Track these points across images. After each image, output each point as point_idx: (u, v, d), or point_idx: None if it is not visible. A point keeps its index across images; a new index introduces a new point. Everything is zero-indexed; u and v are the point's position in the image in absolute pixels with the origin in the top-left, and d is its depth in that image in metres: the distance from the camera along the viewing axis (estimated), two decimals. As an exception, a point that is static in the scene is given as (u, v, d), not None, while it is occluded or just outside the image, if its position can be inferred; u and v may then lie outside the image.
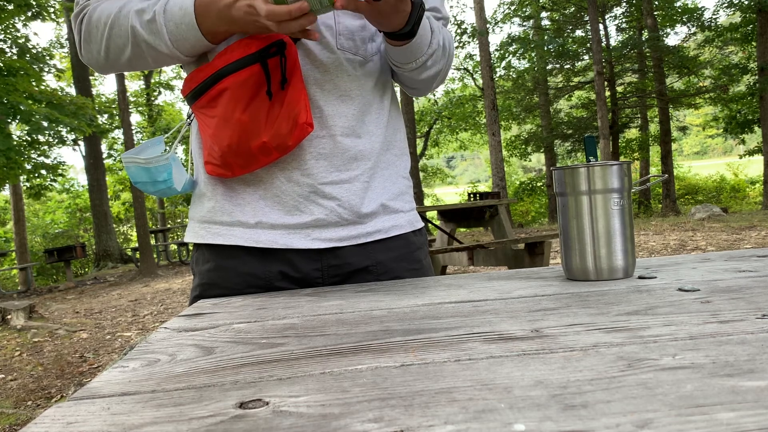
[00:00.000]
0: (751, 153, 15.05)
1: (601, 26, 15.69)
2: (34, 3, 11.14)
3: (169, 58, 0.93)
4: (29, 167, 10.83)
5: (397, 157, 1.06)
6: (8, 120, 9.36)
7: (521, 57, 17.52)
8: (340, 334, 0.62)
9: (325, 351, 0.56)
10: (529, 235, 6.29)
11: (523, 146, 18.60)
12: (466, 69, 20.69)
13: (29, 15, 11.66)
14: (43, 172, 11.38)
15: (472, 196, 7.17)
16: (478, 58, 15.69)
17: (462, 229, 9.19)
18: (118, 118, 15.53)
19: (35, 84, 9.96)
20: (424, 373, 0.47)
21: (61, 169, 11.66)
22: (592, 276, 0.83)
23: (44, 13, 12.11)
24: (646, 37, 15.20)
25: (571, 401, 0.38)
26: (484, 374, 0.45)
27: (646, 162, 17.53)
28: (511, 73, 18.11)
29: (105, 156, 17.49)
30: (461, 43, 18.60)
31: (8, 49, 11.21)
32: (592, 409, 0.37)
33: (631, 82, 17.35)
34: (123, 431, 0.40)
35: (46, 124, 9.67)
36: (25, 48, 11.31)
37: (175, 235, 16.29)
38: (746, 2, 12.98)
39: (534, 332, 0.57)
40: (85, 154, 14.29)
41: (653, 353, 0.47)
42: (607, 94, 15.30)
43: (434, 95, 20.61)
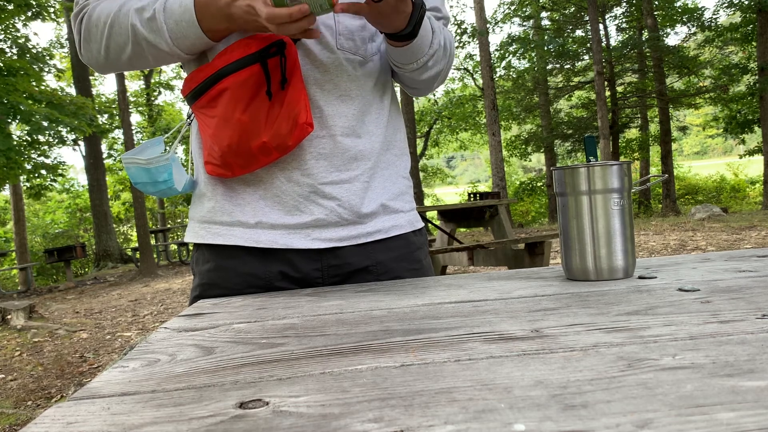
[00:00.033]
0: (751, 153, 15.05)
1: (601, 26, 15.69)
2: (34, 3, 11.14)
3: (170, 56, 0.93)
4: (29, 167, 10.83)
5: (397, 157, 1.06)
6: (8, 120, 9.36)
7: (521, 57, 17.52)
8: (340, 334, 0.62)
9: (325, 351, 0.56)
10: (529, 235, 6.29)
11: (523, 146, 18.60)
12: (466, 69, 20.69)
13: (29, 15, 11.66)
14: (43, 172, 11.38)
15: (472, 196, 7.17)
16: (478, 58, 15.70)
17: (462, 229, 9.19)
18: (118, 118, 15.54)
19: (35, 84, 9.95)
20: (424, 373, 0.47)
21: (61, 169, 11.66)
22: (592, 276, 0.83)
23: (44, 13, 12.11)
24: (646, 37, 15.19)
25: (571, 401, 0.38)
26: (484, 374, 0.45)
27: (646, 162, 17.53)
28: (511, 73, 18.11)
29: (105, 156, 17.50)
30: (461, 43, 18.60)
31: (8, 49, 11.22)
32: (592, 409, 0.37)
33: (631, 82, 17.35)
34: (123, 431, 0.40)
35: (46, 124, 9.67)
36: (25, 48, 11.31)
37: (175, 235, 16.29)
38: (746, 2, 12.98)
39: (534, 332, 0.57)
40: (85, 154, 14.29)
41: (653, 353, 0.47)
42: (607, 94, 15.29)
43: (434, 95, 20.61)
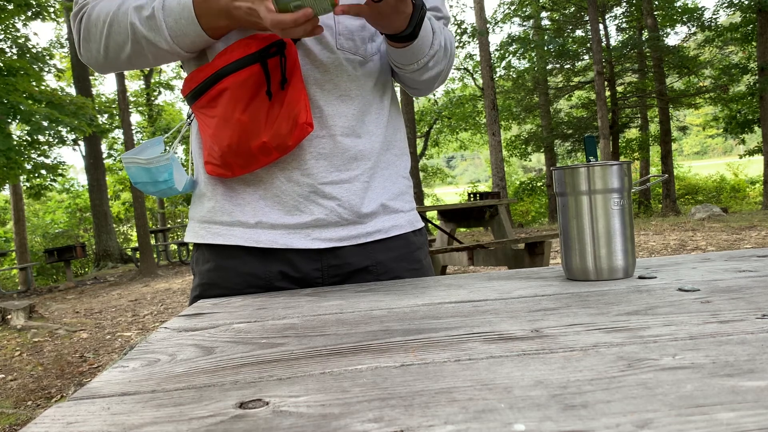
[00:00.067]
0: (751, 153, 15.05)
1: (601, 26, 15.69)
2: (34, 3, 11.14)
3: (170, 55, 0.93)
4: (29, 167, 10.83)
5: (397, 157, 1.06)
6: (8, 120, 9.36)
7: (521, 57, 17.52)
8: (340, 334, 0.62)
9: (325, 351, 0.56)
10: (529, 235, 6.29)
11: (523, 146, 18.60)
12: (466, 69, 20.68)
13: (29, 15, 11.66)
14: (43, 172, 11.37)
15: (472, 196, 7.17)
16: (478, 58, 15.70)
17: (462, 229, 9.19)
18: (118, 118, 15.53)
19: (35, 84, 9.95)
20: (424, 373, 0.47)
21: (61, 169, 11.65)
22: (592, 276, 0.83)
23: (44, 13, 12.10)
24: (646, 37, 15.19)
25: (571, 401, 0.38)
26: (484, 374, 0.45)
27: (646, 162, 17.53)
28: (511, 73, 18.11)
29: (105, 156, 17.50)
30: (461, 43, 18.60)
31: (8, 49, 11.21)
32: (592, 409, 0.37)
33: (631, 82, 17.35)
34: (123, 431, 0.40)
35: (46, 124, 9.67)
36: (25, 48, 11.31)
37: (175, 235, 16.29)
38: (746, 2, 12.98)
39: (534, 332, 0.57)
40: (85, 154, 14.30)
41: (653, 353, 0.47)
42: (607, 94, 15.29)
43: (434, 95, 20.61)
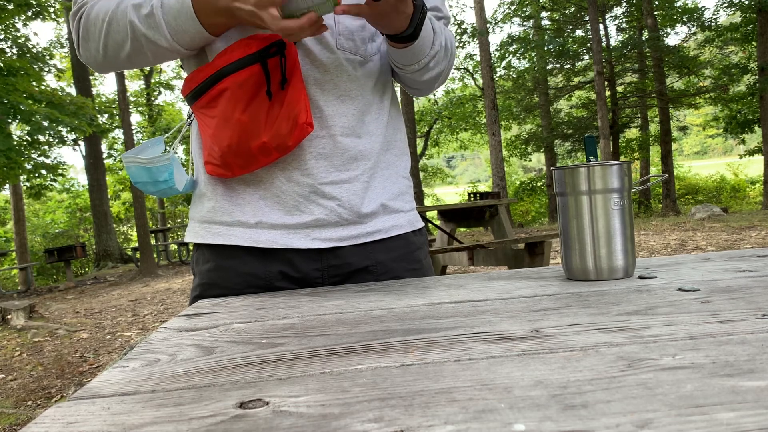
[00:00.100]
0: (751, 153, 15.05)
1: (601, 26, 15.69)
2: (34, 2, 11.13)
3: (170, 53, 0.93)
4: (29, 167, 10.83)
5: (397, 157, 1.06)
6: (8, 120, 9.36)
7: (521, 57, 17.52)
8: (340, 334, 0.62)
9: (325, 351, 0.56)
10: (529, 235, 6.29)
11: (523, 146, 18.60)
12: (466, 69, 20.69)
13: (29, 15, 11.66)
14: (43, 172, 11.38)
15: (472, 196, 7.18)
16: (478, 58, 15.70)
17: (462, 229, 9.19)
18: (118, 118, 15.53)
19: (35, 84, 9.95)
20: (424, 373, 0.47)
21: (61, 169, 11.66)
22: (592, 276, 0.83)
23: (44, 13, 12.10)
24: (646, 37, 15.19)
25: (571, 401, 0.38)
26: (484, 374, 0.45)
27: (646, 162, 17.53)
28: (511, 73, 18.11)
29: (105, 156, 17.51)
30: (461, 43, 18.60)
31: (8, 49, 11.21)
32: (592, 409, 0.37)
33: (631, 82, 17.35)
34: (123, 431, 0.40)
35: (46, 124, 9.67)
36: (25, 48, 11.30)
37: (175, 235, 16.29)
38: (746, 2, 12.98)
39: (534, 332, 0.57)
40: (85, 154, 14.30)
41: (653, 353, 0.47)
42: (607, 94, 15.29)
43: (434, 95, 20.61)
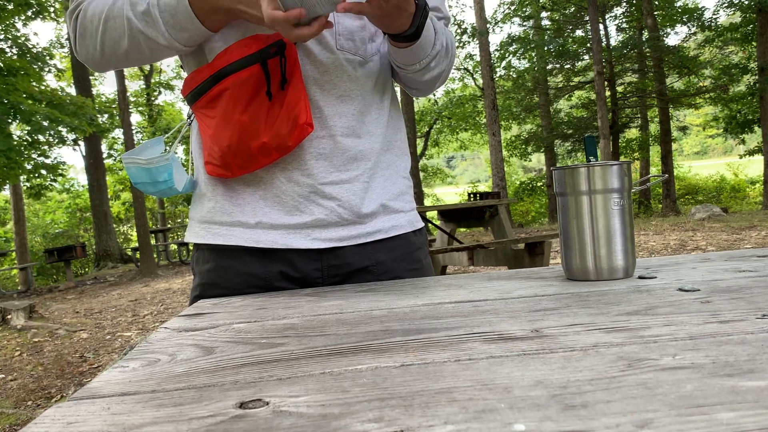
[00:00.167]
0: (751, 153, 15.05)
1: (601, 26, 15.69)
2: (34, 2, 11.13)
3: (167, 50, 0.92)
4: (29, 167, 10.84)
5: (398, 157, 1.06)
6: (8, 120, 9.36)
7: (521, 57, 17.53)
8: (340, 334, 0.62)
9: (325, 351, 0.56)
10: (529, 235, 6.29)
11: (523, 146, 18.61)
12: (466, 69, 20.69)
13: (29, 14, 11.66)
14: (43, 172, 11.39)
15: (472, 196, 7.18)
16: (478, 58, 15.70)
17: (462, 229, 9.19)
18: (118, 118, 15.53)
19: (35, 84, 9.96)
20: (424, 373, 0.47)
21: (61, 169, 11.67)
22: (592, 276, 0.83)
23: (44, 13, 12.10)
24: (646, 37, 15.20)
25: (571, 401, 0.38)
26: (484, 374, 0.45)
27: (646, 162, 17.53)
28: (511, 73, 18.11)
29: (105, 156, 17.52)
30: (461, 43, 18.60)
31: (8, 49, 11.21)
32: (592, 409, 0.37)
33: (631, 82, 17.35)
34: (123, 431, 0.40)
35: (46, 124, 9.68)
36: (25, 48, 11.30)
37: (175, 235, 16.29)
38: (746, 2, 12.98)
39: (534, 332, 0.57)
40: (85, 154, 14.30)
41: (653, 353, 0.47)
42: (607, 94, 15.30)
43: (434, 95, 20.61)
